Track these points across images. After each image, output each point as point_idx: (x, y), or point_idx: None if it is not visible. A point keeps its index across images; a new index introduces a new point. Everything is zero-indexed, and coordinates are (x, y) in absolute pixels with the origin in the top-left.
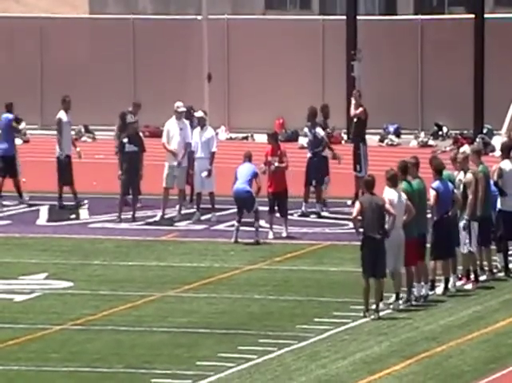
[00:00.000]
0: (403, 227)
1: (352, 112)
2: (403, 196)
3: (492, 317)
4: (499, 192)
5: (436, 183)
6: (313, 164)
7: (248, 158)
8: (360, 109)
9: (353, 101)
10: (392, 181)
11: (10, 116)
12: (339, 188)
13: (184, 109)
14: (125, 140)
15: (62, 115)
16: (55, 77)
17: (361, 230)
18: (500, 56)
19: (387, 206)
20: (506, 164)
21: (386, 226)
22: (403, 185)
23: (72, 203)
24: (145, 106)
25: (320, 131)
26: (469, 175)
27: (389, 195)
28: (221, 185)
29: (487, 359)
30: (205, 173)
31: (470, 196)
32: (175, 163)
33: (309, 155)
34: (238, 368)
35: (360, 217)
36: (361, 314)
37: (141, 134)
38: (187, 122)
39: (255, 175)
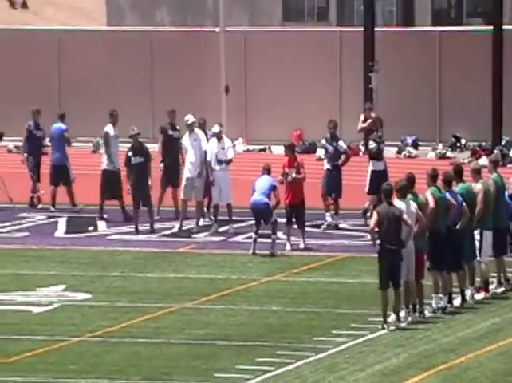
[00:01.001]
0: (414, 237)
1: (360, 126)
2: (413, 206)
3: (510, 329)
4: None
5: (446, 195)
6: (333, 177)
7: (267, 171)
8: (369, 121)
9: (362, 117)
10: (401, 192)
11: (64, 126)
12: (356, 200)
13: (194, 121)
14: (130, 153)
15: (109, 128)
16: (73, 89)
17: (378, 241)
18: None
19: (405, 216)
20: None
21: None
22: (430, 190)
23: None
24: (162, 118)
25: (343, 144)
26: (478, 185)
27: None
28: (238, 197)
29: (505, 371)
30: (229, 185)
31: (479, 206)
32: (194, 175)
33: (327, 166)
34: (256, 380)
35: (377, 228)
36: (379, 326)
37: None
38: (200, 132)
39: (273, 188)
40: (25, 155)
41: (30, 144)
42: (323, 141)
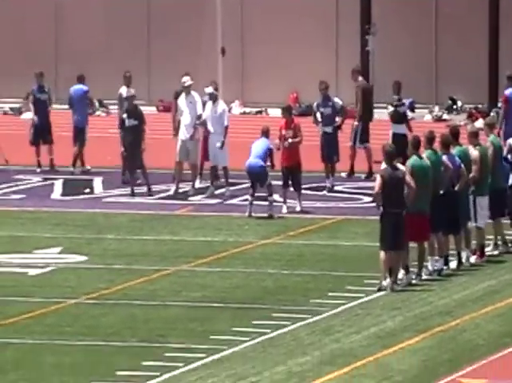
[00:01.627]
0: (417, 200)
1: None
2: (402, 168)
3: (507, 291)
4: (511, 168)
5: (444, 157)
6: (332, 140)
7: (265, 133)
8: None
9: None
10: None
11: (85, 87)
12: (356, 162)
13: (190, 83)
14: (124, 115)
15: (123, 90)
16: (69, 51)
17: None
18: None
19: (408, 178)
20: None
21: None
22: (426, 154)
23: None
24: (159, 80)
25: (338, 100)
26: (475, 153)
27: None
28: (235, 160)
29: (502, 333)
30: (218, 144)
31: (474, 174)
32: (187, 137)
33: (324, 130)
34: (252, 342)
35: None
36: (376, 289)
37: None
38: (196, 95)
39: (269, 151)
40: (35, 118)
41: (36, 108)
42: (315, 105)
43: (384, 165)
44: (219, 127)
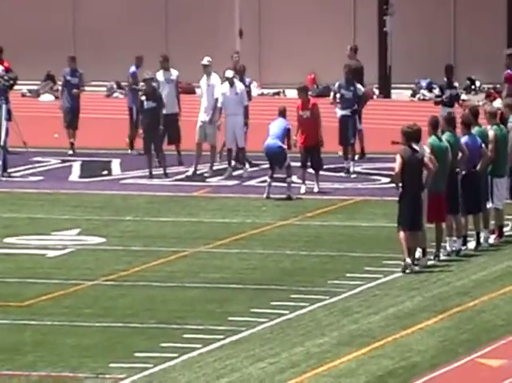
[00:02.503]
0: (434, 180)
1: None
2: (427, 151)
3: None
4: None
5: (464, 138)
6: (352, 124)
7: (282, 113)
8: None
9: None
10: (415, 136)
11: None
12: (372, 144)
13: (206, 63)
14: (143, 97)
15: (159, 74)
16: (88, 34)
17: (400, 185)
18: None
19: (426, 159)
20: None
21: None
22: (445, 136)
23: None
24: (177, 63)
25: (361, 87)
26: (491, 133)
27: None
28: (252, 141)
29: None
30: (244, 127)
31: (490, 154)
32: (206, 119)
33: (343, 112)
34: (270, 323)
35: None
36: (397, 269)
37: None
38: (215, 78)
39: (287, 131)
40: (62, 102)
41: (67, 91)
42: (336, 86)
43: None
44: (240, 107)
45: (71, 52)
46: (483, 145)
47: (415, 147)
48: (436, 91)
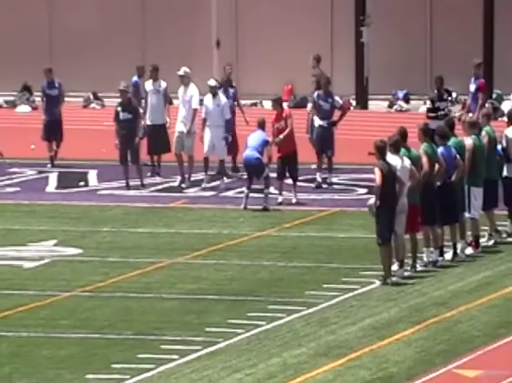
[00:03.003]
0: (408, 192)
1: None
2: (407, 162)
3: (501, 283)
4: (505, 159)
5: (440, 149)
6: (328, 134)
7: (261, 125)
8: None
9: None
10: (395, 147)
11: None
12: (349, 155)
13: (182, 73)
14: (119, 108)
15: (148, 84)
16: (64, 44)
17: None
18: (510, 20)
19: (398, 173)
20: (510, 131)
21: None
22: (423, 147)
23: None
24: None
25: (339, 99)
26: (469, 141)
27: (392, 162)
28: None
29: (497, 324)
30: (223, 141)
31: (466, 163)
32: (184, 130)
33: (320, 123)
34: (248, 334)
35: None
36: (372, 280)
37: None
38: (193, 88)
39: (266, 143)
40: (44, 116)
41: (46, 104)
42: (315, 95)
43: (389, 155)
44: (221, 120)
45: (47, 63)
46: (458, 156)
47: (391, 158)
48: (428, 104)
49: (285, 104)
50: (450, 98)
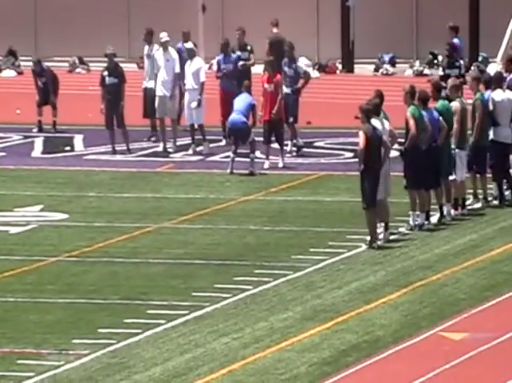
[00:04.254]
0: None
1: None
2: (387, 124)
3: (487, 245)
4: (492, 123)
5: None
6: (292, 101)
7: (247, 89)
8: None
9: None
10: (375, 111)
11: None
12: (336, 119)
13: (167, 39)
14: (105, 72)
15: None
16: (49, 7)
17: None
18: None
19: (385, 137)
20: (497, 95)
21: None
22: (410, 109)
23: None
24: (139, 38)
25: (302, 65)
26: (455, 104)
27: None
28: (214, 117)
29: (483, 287)
30: (194, 103)
31: (455, 125)
32: (166, 94)
33: (286, 91)
34: (234, 298)
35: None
36: (359, 243)
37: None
38: (173, 53)
39: (252, 107)
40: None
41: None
42: (283, 63)
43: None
44: (196, 83)
45: (32, 27)
46: (441, 118)
47: (374, 123)
48: (440, 71)
49: None
50: (436, 61)
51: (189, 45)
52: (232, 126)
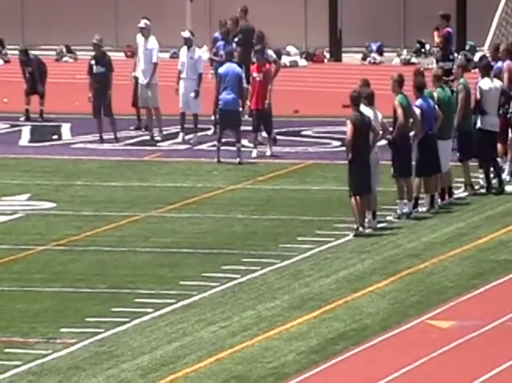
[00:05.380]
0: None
1: None
2: (379, 115)
3: (474, 234)
4: (479, 111)
5: (419, 101)
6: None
7: (229, 56)
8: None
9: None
10: (368, 99)
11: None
12: (324, 107)
13: (143, 25)
14: (92, 61)
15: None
16: None
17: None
18: None
19: (374, 123)
20: (484, 83)
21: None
22: (398, 98)
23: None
24: (126, 27)
25: (272, 53)
26: (434, 95)
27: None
28: (204, 105)
29: (470, 275)
30: (193, 94)
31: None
32: (145, 83)
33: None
34: (222, 287)
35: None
36: (346, 232)
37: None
38: (153, 41)
39: (240, 79)
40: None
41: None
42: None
43: (362, 106)
44: (193, 73)
45: (19, 16)
46: (436, 107)
47: (364, 111)
48: (434, 63)
49: None
50: (423, 50)
51: (186, 33)
52: (224, 106)
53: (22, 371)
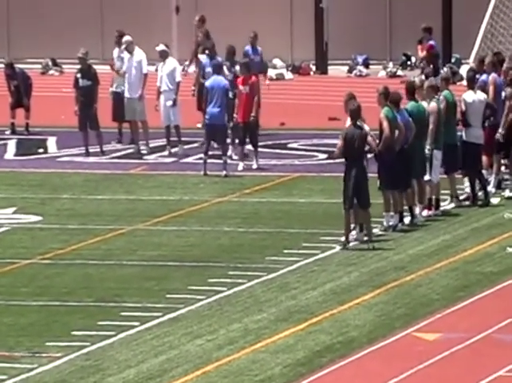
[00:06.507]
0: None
1: None
2: (366, 127)
3: (460, 246)
4: (463, 123)
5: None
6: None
7: (218, 69)
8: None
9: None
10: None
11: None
12: (310, 120)
13: (126, 40)
14: (78, 74)
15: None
16: (22, 11)
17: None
18: None
19: (370, 139)
20: (468, 95)
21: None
22: (384, 111)
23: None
24: (112, 40)
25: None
26: (433, 104)
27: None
28: (188, 118)
29: (456, 287)
30: (170, 102)
31: (431, 126)
32: (134, 96)
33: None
34: (208, 300)
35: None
36: (333, 245)
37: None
38: (141, 53)
39: (227, 91)
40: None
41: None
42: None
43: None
44: (172, 83)
45: (4, 28)
46: (410, 119)
47: (359, 124)
48: (422, 77)
49: None
50: (409, 63)
51: (160, 47)
52: (210, 121)
53: None
